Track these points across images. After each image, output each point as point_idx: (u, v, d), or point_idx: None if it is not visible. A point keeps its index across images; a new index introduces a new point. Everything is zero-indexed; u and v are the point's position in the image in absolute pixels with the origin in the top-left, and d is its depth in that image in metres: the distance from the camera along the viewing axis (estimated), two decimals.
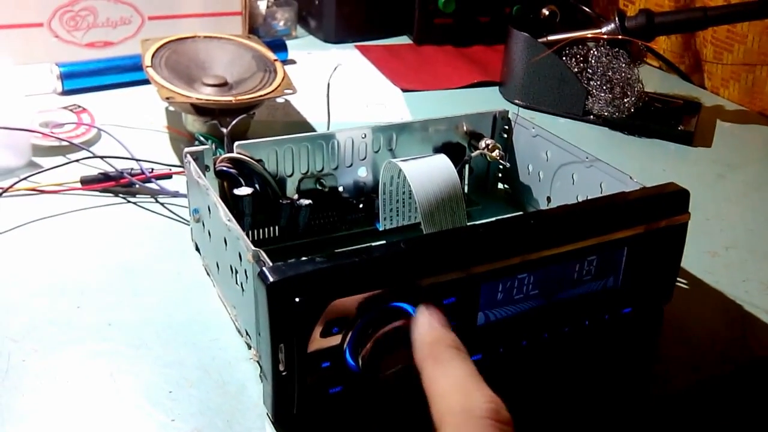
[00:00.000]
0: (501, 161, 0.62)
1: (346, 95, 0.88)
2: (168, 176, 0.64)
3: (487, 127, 0.65)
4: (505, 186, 0.68)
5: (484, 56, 1.04)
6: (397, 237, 0.60)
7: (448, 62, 1.01)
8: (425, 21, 1.06)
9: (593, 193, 0.57)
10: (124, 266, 0.54)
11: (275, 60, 0.75)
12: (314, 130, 0.77)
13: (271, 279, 0.37)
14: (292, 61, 0.97)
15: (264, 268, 0.38)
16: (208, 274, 0.53)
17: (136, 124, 0.75)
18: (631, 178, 0.53)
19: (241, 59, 0.76)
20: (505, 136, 0.65)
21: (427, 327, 0.37)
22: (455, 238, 0.42)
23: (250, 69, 0.74)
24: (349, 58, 1.01)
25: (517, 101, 0.89)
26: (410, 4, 1.07)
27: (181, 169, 0.64)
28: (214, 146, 0.59)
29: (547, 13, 0.96)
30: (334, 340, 0.38)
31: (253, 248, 0.40)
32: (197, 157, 0.53)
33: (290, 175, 0.58)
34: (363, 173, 0.61)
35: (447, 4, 1.05)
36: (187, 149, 0.53)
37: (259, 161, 0.56)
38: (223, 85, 0.72)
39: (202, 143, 0.65)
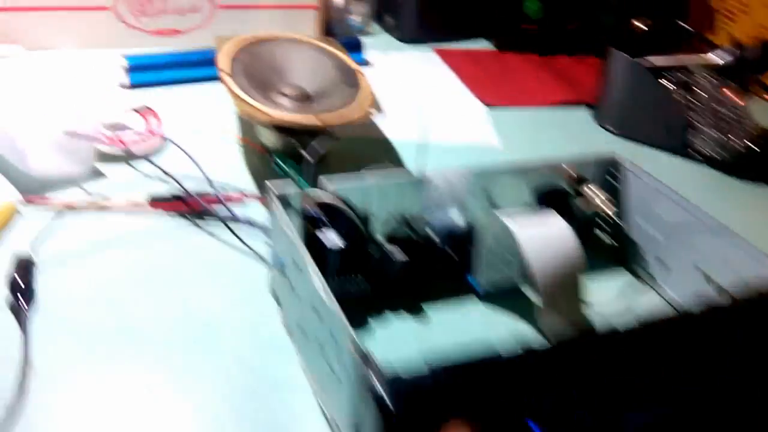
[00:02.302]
0: (609, 214, 0.56)
1: (425, 107, 0.82)
2: (240, 200, 0.58)
3: (592, 171, 0.58)
4: (607, 235, 0.61)
5: (570, 69, 0.96)
6: (496, 299, 0.54)
7: (533, 74, 0.94)
8: (509, 26, 0.99)
9: (716, 267, 0.51)
10: (193, 312, 0.48)
11: (358, 71, 0.68)
12: (395, 150, 0.71)
13: (389, 404, 0.31)
14: (368, 63, 0.90)
15: (375, 382, 0.32)
16: (288, 334, 0.48)
17: (206, 129, 0.69)
18: None
19: (322, 68, 0.70)
20: (614, 182, 0.59)
21: None
22: (594, 354, 0.36)
23: (332, 80, 0.68)
24: (427, 62, 0.94)
25: (609, 127, 0.82)
26: (494, 5, 0.99)
27: (255, 194, 0.59)
28: (296, 177, 0.53)
29: (644, 27, 0.89)
30: None
31: (363, 348, 0.34)
32: (283, 199, 0.48)
33: (380, 217, 0.52)
34: (457, 216, 0.55)
35: (534, 10, 0.97)
36: (272, 187, 0.47)
37: (347, 202, 0.50)
38: (302, 97, 0.66)
39: (280, 167, 0.59)
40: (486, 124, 0.80)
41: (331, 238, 0.49)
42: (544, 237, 0.45)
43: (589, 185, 0.57)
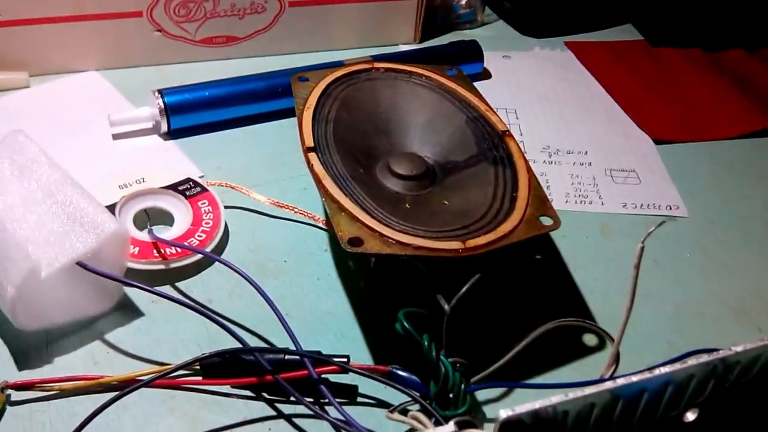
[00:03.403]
0: None
1: (566, 137, 0.60)
2: (343, 371, 0.38)
3: None
4: None
5: (750, 70, 0.72)
6: None
7: (702, 83, 0.70)
8: (667, 13, 0.75)
9: None
10: None
11: (506, 133, 0.46)
12: (559, 252, 0.49)
13: None
14: (486, 74, 0.67)
15: None
16: None
17: (276, 208, 0.49)
18: None
19: (448, 123, 0.48)
20: None
21: None
22: None
23: (465, 145, 0.47)
24: (559, 64, 0.71)
25: None
26: None
27: (365, 364, 0.38)
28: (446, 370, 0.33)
29: None
30: None
31: None
32: None
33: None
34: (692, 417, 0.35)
35: None
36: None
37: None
38: (422, 176, 0.44)
39: (406, 330, 0.38)
40: (663, 175, 0.57)
41: None
42: None
43: None
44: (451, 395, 0.37)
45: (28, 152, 0.41)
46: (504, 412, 0.30)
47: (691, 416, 0.36)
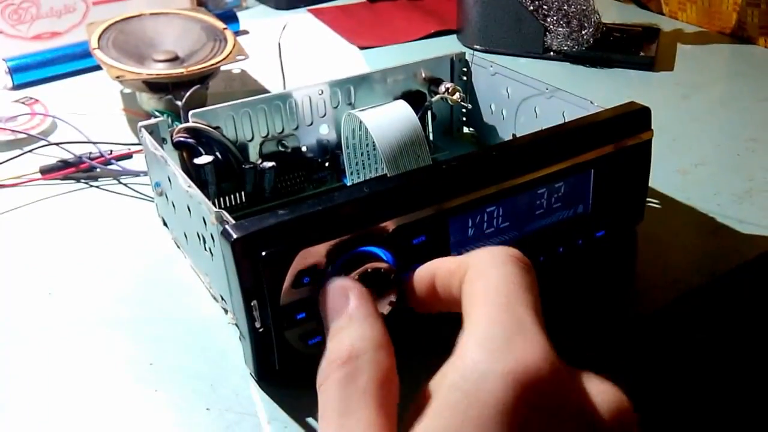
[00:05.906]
0: (462, 103, 0.62)
1: (302, 60, 0.87)
2: (128, 156, 0.63)
3: (445, 71, 0.64)
4: (471, 129, 0.67)
5: (439, 6, 1.03)
6: None
7: (404, 16, 1.00)
8: None
9: (557, 123, 0.57)
10: (93, 251, 0.53)
11: (224, 28, 0.74)
12: None
13: (234, 236, 0.36)
14: (245, 32, 0.95)
15: (227, 226, 0.37)
16: (178, 246, 0.53)
17: (92, 110, 0.74)
18: (591, 102, 0.53)
19: (190, 32, 0.75)
20: (465, 78, 0.65)
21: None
22: (418, 177, 0.42)
23: (200, 40, 0.73)
24: (302, 22, 0.99)
25: (476, 46, 0.89)
26: None
27: (140, 148, 0.63)
28: (170, 120, 0.58)
29: None
30: (307, 290, 0.38)
31: (216, 209, 0.39)
32: (152, 131, 0.52)
33: (251, 140, 0.57)
34: (325, 131, 0.60)
35: None
36: (141, 123, 0.52)
37: (217, 128, 0.55)
38: (174, 60, 0.70)
39: (159, 112, 0.63)
40: (359, 62, 0.85)
41: (201, 156, 0.54)
42: (385, 114, 0.51)
43: (444, 83, 0.63)
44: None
45: None
46: (192, 115, 0.55)
47: None
